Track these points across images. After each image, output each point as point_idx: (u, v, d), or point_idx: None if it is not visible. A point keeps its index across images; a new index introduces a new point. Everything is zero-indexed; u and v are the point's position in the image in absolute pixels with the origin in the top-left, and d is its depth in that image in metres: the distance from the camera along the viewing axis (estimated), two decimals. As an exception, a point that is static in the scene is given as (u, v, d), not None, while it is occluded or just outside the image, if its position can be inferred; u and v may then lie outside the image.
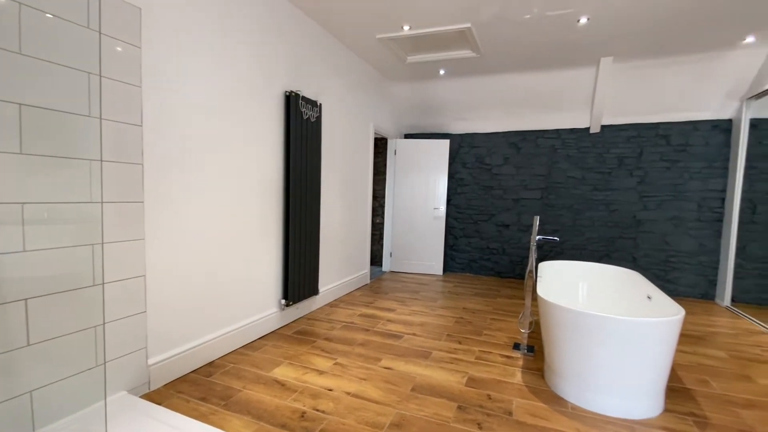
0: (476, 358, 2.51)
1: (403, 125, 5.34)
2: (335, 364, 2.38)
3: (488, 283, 4.71)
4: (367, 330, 2.98)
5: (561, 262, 3.36)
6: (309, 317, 3.24)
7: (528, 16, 2.98)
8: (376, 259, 5.53)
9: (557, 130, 4.69)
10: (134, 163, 1.85)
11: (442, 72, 4.28)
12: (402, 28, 3.22)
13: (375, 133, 4.70)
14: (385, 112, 4.82)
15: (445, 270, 5.33)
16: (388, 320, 3.23)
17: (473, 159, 5.12)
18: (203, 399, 1.94)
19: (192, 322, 2.24)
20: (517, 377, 2.27)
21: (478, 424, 1.79)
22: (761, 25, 2.99)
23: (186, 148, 2.13)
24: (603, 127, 4.49)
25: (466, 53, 3.73)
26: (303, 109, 2.97)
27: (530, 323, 2.71)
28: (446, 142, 4.97)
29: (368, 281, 4.57)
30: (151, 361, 2.00)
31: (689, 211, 4.19)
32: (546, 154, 4.76)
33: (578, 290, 3.29)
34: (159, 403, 1.86)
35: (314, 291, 3.29)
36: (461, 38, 3.46)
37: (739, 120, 3.84)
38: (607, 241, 4.54)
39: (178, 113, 2.07)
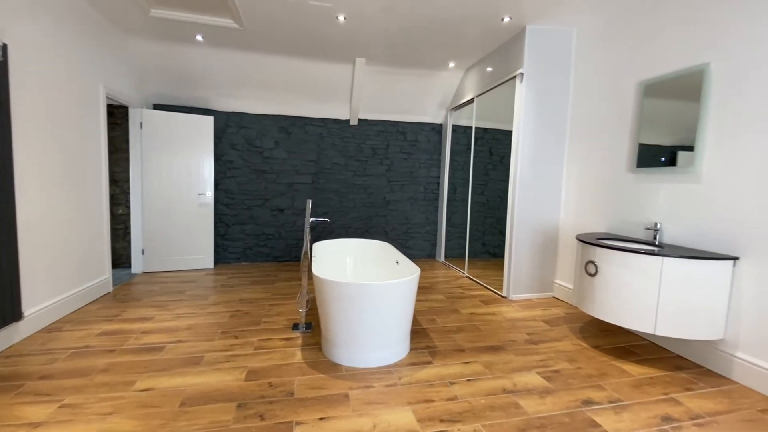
0: (255, 349, 2.41)
1: (150, 93, 4.40)
2: (61, 407, 1.75)
3: (266, 270, 4.62)
4: (112, 351, 2.35)
5: (332, 240, 3.66)
6: (8, 354, 2.25)
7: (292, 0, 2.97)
8: (121, 259, 4.43)
9: (323, 119, 5.02)
10: None
11: (199, 38, 3.74)
12: (141, -31, 2.58)
13: (109, 99, 3.67)
14: (123, 73, 3.82)
15: (216, 262, 4.87)
16: (143, 332, 2.65)
17: (243, 140, 4.82)
18: None
19: None
20: (297, 356, 2.32)
21: (260, 415, 1.72)
22: (457, 55, 4.11)
23: None
24: (360, 120, 5.13)
25: (227, 22, 3.39)
26: (-34, 46, 1.94)
27: (307, 302, 2.83)
28: (210, 119, 4.44)
29: (111, 289, 3.60)
30: None
31: (419, 192, 5.41)
32: (314, 141, 5.03)
33: (346, 264, 3.68)
34: None
35: (14, 316, 2.30)
36: (221, 3, 3.11)
37: (446, 124, 5.21)
38: (366, 219, 5.29)
39: None
